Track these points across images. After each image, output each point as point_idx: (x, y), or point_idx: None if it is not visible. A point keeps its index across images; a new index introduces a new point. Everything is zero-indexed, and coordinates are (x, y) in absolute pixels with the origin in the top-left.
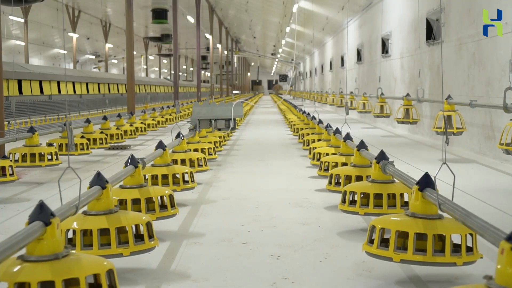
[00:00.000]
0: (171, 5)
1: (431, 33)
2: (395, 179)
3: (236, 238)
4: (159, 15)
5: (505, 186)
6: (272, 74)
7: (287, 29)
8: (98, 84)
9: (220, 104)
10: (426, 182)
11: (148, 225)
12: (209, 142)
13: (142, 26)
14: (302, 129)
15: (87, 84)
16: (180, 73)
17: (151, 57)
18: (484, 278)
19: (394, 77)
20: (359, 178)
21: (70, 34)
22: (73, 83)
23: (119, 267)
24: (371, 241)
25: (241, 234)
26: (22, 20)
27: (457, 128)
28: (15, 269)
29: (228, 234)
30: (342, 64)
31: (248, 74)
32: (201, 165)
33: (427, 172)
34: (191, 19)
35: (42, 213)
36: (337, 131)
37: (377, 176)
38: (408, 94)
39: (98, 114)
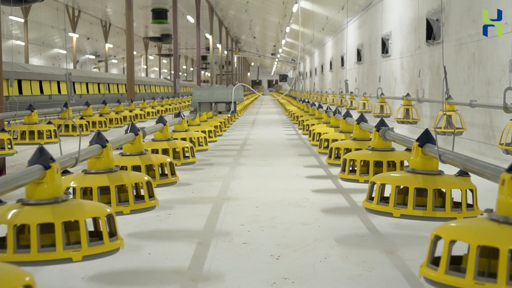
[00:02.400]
0: (171, 5)
1: (431, 33)
2: (394, 148)
3: (236, 238)
4: (159, 15)
5: None
6: (272, 74)
7: (287, 29)
8: (98, 84)
9: (221, 88)
10: (426, 138)
11: (149, 184)
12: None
13: (142, 26)
14: (302, 116)
15: (87, 84)
16: (180, 73)
17: (151, 57)
18: (485, 211)
19: (394, 77)
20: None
21: (70, 34)
22: (73, 83)
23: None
24: (371, 198)
25: (241, 234)
26: (22, 20)
27: (457, 128)
28: (14, 212)
29: (228, 234)
30: (342, 64)
31: (248, 74)
32: (201, 144)
33: (427, 129)
34: (191, 19)
35: (41, 157)
36: (337, 112)
37: (377, 144)
38: (408, 94)
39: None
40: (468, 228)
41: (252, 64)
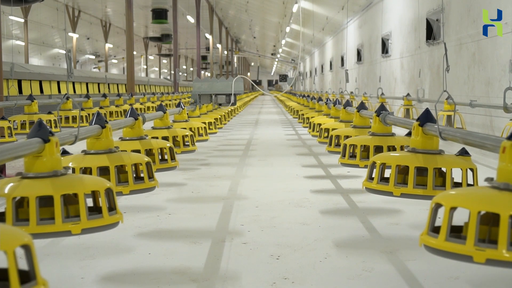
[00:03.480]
0: (171, 5)
1: (431, 33)
2: (395, 133)
3: (236, 238)
4: (159, 15)
5: None
6: (272, 74)
7: (287, 29)
8: (98, 84)
9: (221, 80)
10: (426, 117)
11: (148, 165)
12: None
13: (142, 26)
14: (301, 110)
15: (87, 84)
16: (180, 73)
17: (151, 57)
18: (485, 180)
19: (394, 77)
20: None
21: (70, 34)
22: (73, 83)
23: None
24: (371, 178)
25: (241, 234)
26: (22, 20)
27: (457, 128)
28: (13, 185)
29: (228, 234)
30: (342, 64)
31: (248, 74)
32: (202, 135)
33: (427, 108)
34: (191, 19)
35: (41, 131)
36: (337, 102)
37: (377, 129)
38: (408, 94)
39: None
40: (469, 195)
41: (252, 64)
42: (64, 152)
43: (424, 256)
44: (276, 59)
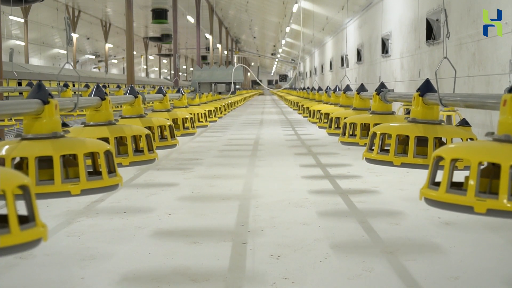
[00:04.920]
0: (171, 5)
1: (431, 33)
2: (395, 111)
3: (236, 238)
4: (159, 15)
5: None
6: (272, 74)
7: (287, 29)
8: (98, 84)
9: (221, 68)
10: (426, 87)
11: (148, 137)
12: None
13: (142, 26)
14: (301, 101)
15: (87, 84)
16: (180, 73)
17: (151, 57)
18: (486, 135)
19: (394, 77)
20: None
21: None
22: (73, 83)
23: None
24: (371, 149)
25: (241, 234)
26: (22, 20)
27: None
28: (12, 146)
29: (228, 234)
30: (342, 64)
31: (248, 74)
32: (201, 121)
33: (427, 79)
34: (191, 19)
35: (40, 92)
36: (337, 89)
37: (377, 107)
38: None
39: None
40: (469, 147)
41: (252, 64)
42: (64, 125)
43: (424, 256)
44: (276, 59)
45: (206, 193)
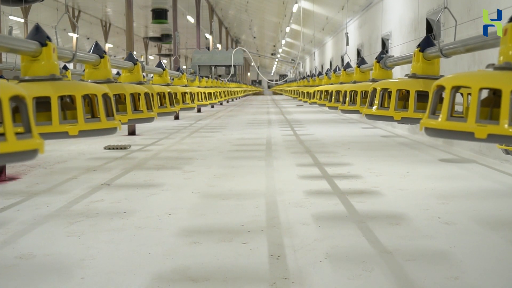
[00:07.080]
0: (171, 5)
1: (431, 33)
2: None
3: (236, 238)
4: (159, 15)
5: (505, 186)
6: (272, 74)
7: (287, 29)
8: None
9: (221, 51)
10: (427, 43)
11: (147, 96)
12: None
13: (142, 26)
14: (301, 88)
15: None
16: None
17: (151, 57)
18: (487, 66)
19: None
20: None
21: (70, 34)
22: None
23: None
24: (371, 106)
25: (241, 234)
26: (22, 20)
27: None
28: (10, 86)
29: (228, 234)
30: (342, 64)
31: (248, 74)
32: (201, 100)
33: (427, 35)
34: (191, 19)
35: (38, 34)
36: (337, 69)
37: (377, 75)
38: None
39: None
40: (470, 75)
41: (252, 64)
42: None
43: (424, 256)
44: (276, 59)
45: (206, 193)
